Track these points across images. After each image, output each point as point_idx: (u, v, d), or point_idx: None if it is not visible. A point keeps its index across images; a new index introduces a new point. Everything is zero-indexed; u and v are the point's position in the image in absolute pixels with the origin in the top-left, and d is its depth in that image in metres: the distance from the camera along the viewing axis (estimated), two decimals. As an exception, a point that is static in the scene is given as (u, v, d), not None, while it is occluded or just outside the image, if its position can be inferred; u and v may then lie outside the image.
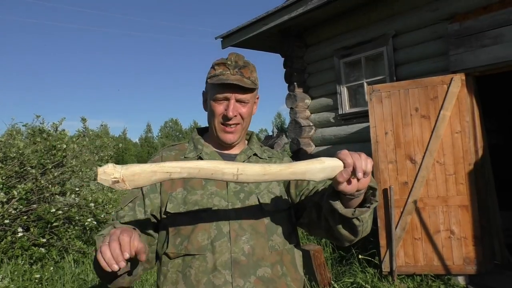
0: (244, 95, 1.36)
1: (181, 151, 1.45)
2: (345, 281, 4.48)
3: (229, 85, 1.32)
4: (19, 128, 6.38)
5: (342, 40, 6.25)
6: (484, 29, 4.29)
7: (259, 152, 1.48)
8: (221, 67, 1.35)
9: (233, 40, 7.02)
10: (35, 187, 5.11)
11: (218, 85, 1.34)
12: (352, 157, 1.04)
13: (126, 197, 1.38)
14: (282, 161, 1.50)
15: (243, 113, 1.37)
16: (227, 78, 1.32)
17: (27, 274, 4.33)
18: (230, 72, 1.33)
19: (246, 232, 1.29)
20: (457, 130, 4.33)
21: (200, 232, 1.27)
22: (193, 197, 1.31)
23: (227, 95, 1.34)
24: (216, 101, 1.36)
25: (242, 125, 1.40)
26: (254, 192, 1.36)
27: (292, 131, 6.82)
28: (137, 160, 50.93)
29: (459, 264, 4.27)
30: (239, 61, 1.37)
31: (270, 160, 1.48)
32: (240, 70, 1.35)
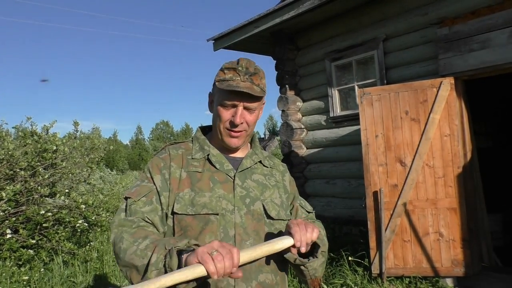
0: (252, 103, 1.34)
1: (187, 150, 1.43)
2: (335, 283, 4.50)
3: (238, 92, 1.31)
4: (7, 130, 6.33)
5: (333, 43, 6.29)
6: (472, 34, 4.36)
7: (263, 159, 1.49)
8: (231, 72, 1.32)
9: (225, 42, 7.04)
10: (24, 189, 5.07)
11: (227, 91, 1.32)
12: (300, 233, 1.21)
13: (137, 190, 1.32)
14: (284, 176, 1.53)
15: (249, 120, 1.37)
16: (237, 85, 1.30)
17: (15, 276, 4.29)
18: (240, 78, 1.31)
19: (250, 237, 1.31)
20: (446, 133, 4.39)
21: (208, 234, 1.27)
22: (202, 199, 1.30)
23: (236, 102, 1.33)
24: (224, 106, 1.34)
25: (247, 132, 1.40)
26: (259, 198, 1.37)
27: (284, 134, 6.84)
28: (127, 162, 50.58)
29: (447, 266, 4.31)
30: (250, 67, 1.35)
31: (271, 170, 1.49)
32: (251, 77, 1.33)
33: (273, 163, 1.53)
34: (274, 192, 1.43)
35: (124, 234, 1.21)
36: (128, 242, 1.18)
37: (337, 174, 6.32)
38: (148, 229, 1.25)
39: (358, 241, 5.15)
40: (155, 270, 1.08)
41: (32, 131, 5.73)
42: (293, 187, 1.56)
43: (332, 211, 6.31)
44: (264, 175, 1.45)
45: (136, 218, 1.26)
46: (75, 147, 6.29)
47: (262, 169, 1.46)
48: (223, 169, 1.38)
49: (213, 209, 1.29)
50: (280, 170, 1.54)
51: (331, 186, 6.40)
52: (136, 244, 1.16)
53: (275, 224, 1.38)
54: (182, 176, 1.34)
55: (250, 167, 1.42)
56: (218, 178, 1.36)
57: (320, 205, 6.40)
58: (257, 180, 1.41)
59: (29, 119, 5.84)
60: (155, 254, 1.10)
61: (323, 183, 6.53)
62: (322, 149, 6.55)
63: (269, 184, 1.44)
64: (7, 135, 5.92)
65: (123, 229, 1.23)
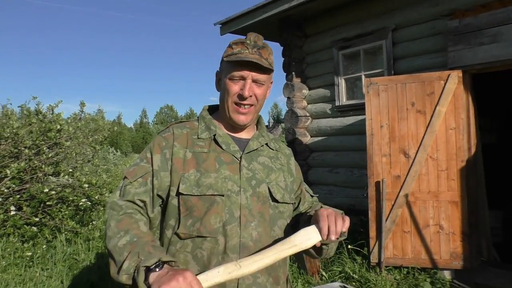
0: (261, 76, 1.34)
1: (192, 130, 1.41)
2: (333, 270, 4.54)
3: (247, 63, 1.30)
4: (13, 109, 6.34)
5: (341, 31, 6.24)
6: (483, 27, 4.30)
7: (268, 141, 1.48)
8: (239, 46, 1.32)
9: (232, 27, 6.99)
10: (28, 167, 5.11)
11: (236, 63, 1.31)
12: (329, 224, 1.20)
13: (135, 170, 1.33)
14: (289, 159, 1.52)
15: (258, 94, 1.35)
16: (246, 56, 1.30)
17: (18, 251, 4.35)
18: (248, 51, 1.31)
19: (255, 218, 1.31)
20: (451, 126, 4.37)
21: (213, 215, 1.28)
22: (207, 180, 1.29)
23: (244, 73, 1.31)
24: (232, 79, 1.33)
25: (256, 107, 1.38)
26: (265, 181, 1.37)
27: (288, 121, 6.83)
28: (131, 144, 50.73)
29: (446, 258, 4.33)
30: (258, 41, 1.35)
31: (277, 153, 1.48)
32: (259, 50, 1.32)
33: (279, 146, 1.53)
34: (279, 175, 1.43)
35: (111, 221, 1.23)
36: (112, 231, 1.20)
37: (340, 163, 6.33)
38: (135, 217, 1.25)
39: (358, 230, 5.18)
40: (126, 275, 1.11)
41: (37, 110, 5.75)
42: (299, 172, 1.57)
43: (334, 199, 6.33)
44: (270, 158, 1.44)
45: (125, 204, 1.26)
46: (79, 127, 6.32)
47: (268, 152, 1.46)
48: (230, 150, 1.36)
49: (218, 190, 1.29)
50: (285, 153, 1.53)
51: (334, 174, 6.41)
52: (118, 236, 1.18)
53: (280, 207, 1.38)
54: (187, 156, 1.33)
55: (256, 149, 1.41)
56: (224, 159, 1.35)
57: (322, 194, 6.42)
58: (263, 162, 1.41)
59: (34, 98, 5.85)
60: (127, 260, 1.11)
61: (326, 171, 6.54)
62: (326, 137, 6.55)
63: (275, 167, 1.43)
64: (12, 114, 5.95)
65: (112, 213, 1.25)
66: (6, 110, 5.89)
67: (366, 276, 4.30)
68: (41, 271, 4.29)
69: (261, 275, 1.29)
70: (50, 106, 5.95)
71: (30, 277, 4.08)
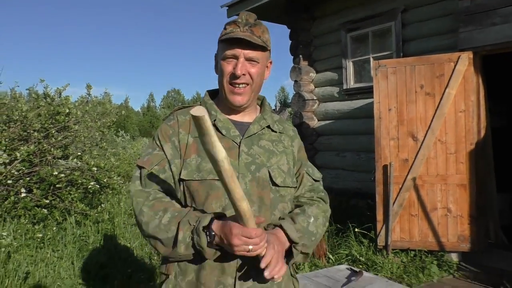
0: (254, 53, 1.31)
1: None
2: (340, 253, 4.57)
3: (237, 41, 1.28)
4: (21, 92, 6.37)
5: (350, 13, 6.15)
6: (495, 7, 4.21)
7: (271, 123, 1.45)
8: (231, 26, 1.31)
9: (239, 9, 6.90)
10: (38, 150, 5.15)
11: (227, 42, 1.30)
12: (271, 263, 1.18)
13: (150, 159, 1.33)
14: (293, 141, 1.49)
15: (252, 73, 1.32)
16: (236, 34, 1.28)
17: (29, 233, 4.42)
18: (240, 29, 1.29)
19: (255, 203, 1.31)
20: (461, 109, 4.32)
21: (214, 200, 1.28)
22: (208, 165, 1.28)
23: (236, 52, 1.29)
24: (225, 59, 1.32)
25: (252, 87, 1.35)
26: (265, 165, 1.36)
27: (295, 104, 6.80)
28: (138, 128, 50.97)
29: (453, 241, 4.34)
30: (250, 19, 1.33)
31: (280, 136, 1.45)
32: (250, 28, 1.31)
33: (283, 128, 1.49)
34: (282, 159, 1.41)
35: (144, 207, 1.25)
36: (148, 215, 1.23)
37: (347, 147, 6.31)
38: (165, 200, 1.27)
39: (365, 213, 5.19)
40: (184, 245, 1.18)
41: (45, 93, 5.76)
42: (302, 153, 1.53)
43: (341, 183, 6.34)
44: (271, 141, 1.42)
45: (152, 190, 1.28)
46: (87, 111, 6.34)
47: (270, 135, 1.43)
48: (229, 135, 1.35)
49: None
50: (289, 135, 1.50)
51: (341, 158, 6.40)
52: (157, 217, 1.22)
53: (281, 191, 1.37)
54: (189, 141, 1.33)
55: (256, 133, 1.39)
56: (224, 144, 1.31)
57: (329, 177, 6.42)
58: (264, 146, 1.39)
59: (42, 81, 5.86)
60: (181, 231, 1.18)
61: (333, 155, 6.53)
62: (334, 121, 6.52)
63: (277, 151, 1.41)
64: (21, 97, 5.97)
65: (140, 200, 1.27)
66: (14, 93, 5.92)
67: (373, 258, 4.32)
68: (52, 252, 4.37)
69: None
70: (58, 89, 5.96)
71: (42, 258, 4.15)
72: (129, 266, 4.27)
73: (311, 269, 4.19)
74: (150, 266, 4.30)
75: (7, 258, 3.88)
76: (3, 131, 4.95)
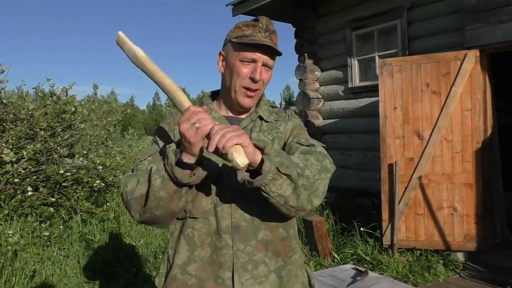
0: (271, 61, 1.32)
1: None
2: (345, 252, 4.56)
3: (260, 46, 1.28)
4: (27, 91, 6.42)
5: (355, 11, 6.11)
6: (503, 4, 4.16)
7: (265, 115, 1.43)
8: (251, 29, 1.30)
9: (245, 8, 6.90)
10: (44, 149, 5.18)
11: (249, 46, 1.29)
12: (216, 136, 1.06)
13: (145, 152, 1.35)
14: (287, 124, 1.44)
15: (265, 79, 1.34)
16: (260, 39, 1.28)
17: (36, 231, 4.46)
18: (261, 34, 1.29)
19: (247, 198, 1.29)
20: (467, 107, 4.29)
21: (204, 197, 1.28)
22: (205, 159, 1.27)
23: (257, 56, 1.29)
24: (243, 61, 1.30)
25: (260, 91, 1.37)
26: None
27: (300, 103, 6.79)
28: (144, 127, 51.13)
29: (459, 240, 4.31)
30: (270, 25, 1.33)
31: (275, 124, 1.44)
32: (270, 35, 1.31)
33: (279, 116, 1.46)
34: (274, 146, 1.39)
35: (127, 179, 1.25)
36: (131, 183, 1.22)
37: (352, 146, 6.29)
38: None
39: (370, 212, 5.17)
40: (159, 178, 1.13)
41: (52, 92, 5.80)
42: (296, 130, 1.43)
43: (346, 182, 6.32)
44: (263, 132, 1.40)
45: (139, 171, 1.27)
46: (93, 109, 6.37)
47: (262, 126, 1.41)
48: None
49: (210, 172, 1.24)
50: (285, 120, 1.46)
51: (346, 157, 6.38)
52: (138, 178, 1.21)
53: None
54: None
55: (246, 126, 1.39)
56: None
57: (334, 176, 6.34)
58: (255, 138, 1.38)
59: (48, 80, 5.90)
60: (154, 165, 1.16)
61: (338, 154, 6.51)
62: (339, 120, 6.50)
63: (268, 139, 1.39)
64: (27, 96, 6.01)
65: (126, 179, 1.26)
66: (21, 91, 5.96)
67: (378, 258, 4.31)
68: (58, 251, 4.40)
69: (257, 252, 1.28)
70: (64, 88, 6.00)
71: (48, 256, 4.19)
72: (134, 264, 4.29)
73: (316, 269, 4.19)
74: (156, 265, 4.32)
75: (14, 256, 3.91)
76: (10, 130, 4.99)
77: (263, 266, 1.28)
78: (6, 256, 3.79)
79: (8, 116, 5.13)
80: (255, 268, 1.27)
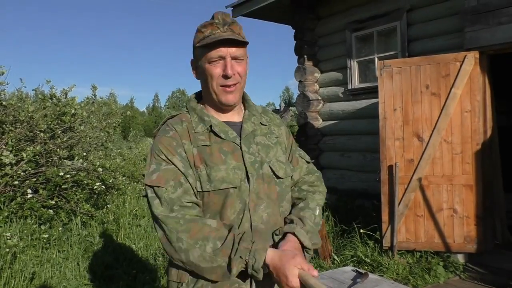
0: (239, 51, 1.32)
1: (189, 123, 1.36)
2: (345, 254, 4.55)
3: (222, 42, 1.28)
4: (27, 92, 6.42)
5: (355, 13, 6.12)
6: (502, 6, 4.17)
7: (260, 118, 1.47)
8: (208, 28, 1.31)
9: (244, 9, 6.90)
10: (44, 151, 5.18)
11: (211, 45, 1.28)
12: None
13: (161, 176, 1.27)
14: (280, 129, 1.51)
15: (240, 71, 1.34)
16: (220, 35, 1.28)
17: (35, 233, 4.45)
18: (220, 30, 1.29)
19: (263, 201, 1.34)
20: (467, 109, 4.29)
21: (229, 207, 1.29)
22: (219, 174, 1.28)
23: (222, 53, 1.29)
24: (212, 62, 1.31)
25: (241, 84, 1.36)
26: (265, 161, 1.37)
27: (300, 105, 6.79)
28: (143, 128, 51.16)
29: (459, 242, 4.31)
30: (227, 18, 1.33)
31: (270, 127, 1.48)
32: (230, 27, 1.31)
33: (270, 118, 1.51)
34: (278, 150, 1.44)
35: (181, 234, 1.20)
36: (188, 243, 1.20)
37: (352, 147, 6.28)
38: (199, 223, 1.23)
39: (370, 214, 5.17)
40: (235, 274, 1.21)
41: (51, 94, 5.80)
42: (290, 139, 1.56)
43: (346, 184, 6.32)
44: (265, 135, 1.44)
45: (179, 212, 1.23)
46: (93, 111, 6.37)
47: (262, 129, 1.44)
48: (229, 138, 1.34)
49: (232, 183, 1.29)
50: (277, 124, 1.52)
51: (346, 159, 6.38)
52: (197, 246, 1.20)
53: (285, 181, 1.42)
54: (194, 152, 1.31)
55: (252, 131, 1.40)
56: (227, 148, 1.34)
57: (334, 178, 6.40)
58: (260, 142, 1.40)
59: (48, 82, 5.90)
60: (235, 267, 1.19)
61: (338, 155, 6.51)
62: (338, 121, 6.50)
63: (271, 143, 1.43)
64: (27, 98, 6.01)
65: (172, 226, 1.21)
66: (20, 93, 5.96)
67: (378, 260, 4.30)
68: (58, 253, 4.39)
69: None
70: (64, 90, 6.00)
71: (47, 259, 4.17)
72: (134, 266, 4.28)
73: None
74: (155, 267, 4.31)
75: (13, 258, 3.90)
76: (10, 132, 4.98)
77: None
78: (6, 259, 3.78)
79: (7, 118, 5.12)
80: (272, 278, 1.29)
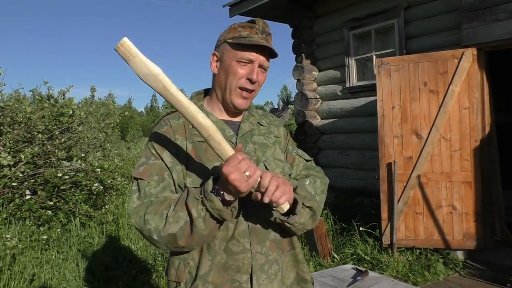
0: (267, 62, 1.32)
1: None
2: (345, 252, 4.56)
3: (258, 47, 1.28)
4: (25, 94, 6.41)
5: (352, 11, 6.12)
6: (499, 3, 4.17)
7: (259, 118, 1.46)
8: (247, 30, 1.30)
9: (242, 8, 6.89)
10: (42, 152, 5.17)
11: (247, 46, 1.28)
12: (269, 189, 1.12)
13: (147, 169, 1.27)
14: (279, 129, 1.51)
15: (260, 80, 1.33)
16: (257, 40, 1.28)
17: (34, 235, 4.44)
18: (258, 36, 1.29)
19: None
20: (465, 106, 4.29)
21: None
22: (212, 171, 1.27)
23: (254, 57, 1.29)
24: (240, 62, 1.29)
25: (255, 93, 1.36)
26: (261, 160, 1.36)
27: (298, 103, 6.78)
28: (142, 128, 51.09)
29: (459, 239, 4.31)
30: (266, 28, 1.33)
31: (269, 128, 1.47)
32: (266, 37, 1.31)
33: (269, 121, 1.51)
34: (276, 149, 1.42)
35: (146, 216, 1.19)
36: (154, 220, 1.17)
37: (351, 145, 6.28)
38: (161, 198, 1.23)
39: (370, 212, 5.17)
40: (201, 219, 1.13)
41: (49, 95, 5.78)
42: (287, 138, 1.54)
43: (345, 182, 6.32)
44: (263, 135, 1.43)
45: (146, 199, 1.23)
46: (91, 112, 6.36)
47: (260, 129, 1.44)
48: (225, 136, 1.32)
49: None
50: (276, 124, 1.52)
51: (345, 157, 6.38)
52: (163, 217, 1.16)
53: None
54: (188, 147, 1.30)
55: (249, 130, 1.40)
56: None
57: (333, 176, 6.40)
58: (257, 141, 1.39)
59: (46, 83, 5.89)
60: (192, 209, 1.13)
61: (337, 154, 6.51)
62: (337, 119, 6.49)
63: (269, 143, 1.42)
64: (25, 99, 5.99)
65: (140, 214, 1.21)
66: (18, 94, 5.94)
67: (378, 257, 4.30)
68: (57, 254, 4.38)
69: (271, 251, 1.31)
70: (62, 91, 5.99)
71: (47, 260, 4.17)
72: (133, 267, 4.28)
73: (316, 269, 4.18)
74: (155, 267, 4.30)
75: (12, 260, 3.89)
76: (8, 133, 4.97)
77: (275, 265, 1.32)
78: (5, 260, 3.77)
79: (5, 119, 5.11)
80: (270, 268, 1.30)
